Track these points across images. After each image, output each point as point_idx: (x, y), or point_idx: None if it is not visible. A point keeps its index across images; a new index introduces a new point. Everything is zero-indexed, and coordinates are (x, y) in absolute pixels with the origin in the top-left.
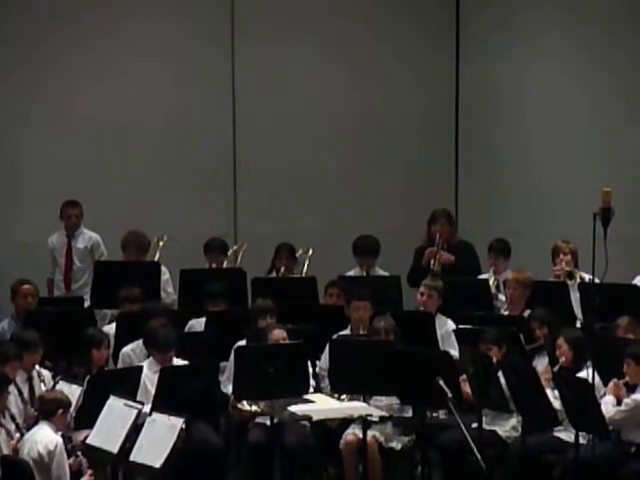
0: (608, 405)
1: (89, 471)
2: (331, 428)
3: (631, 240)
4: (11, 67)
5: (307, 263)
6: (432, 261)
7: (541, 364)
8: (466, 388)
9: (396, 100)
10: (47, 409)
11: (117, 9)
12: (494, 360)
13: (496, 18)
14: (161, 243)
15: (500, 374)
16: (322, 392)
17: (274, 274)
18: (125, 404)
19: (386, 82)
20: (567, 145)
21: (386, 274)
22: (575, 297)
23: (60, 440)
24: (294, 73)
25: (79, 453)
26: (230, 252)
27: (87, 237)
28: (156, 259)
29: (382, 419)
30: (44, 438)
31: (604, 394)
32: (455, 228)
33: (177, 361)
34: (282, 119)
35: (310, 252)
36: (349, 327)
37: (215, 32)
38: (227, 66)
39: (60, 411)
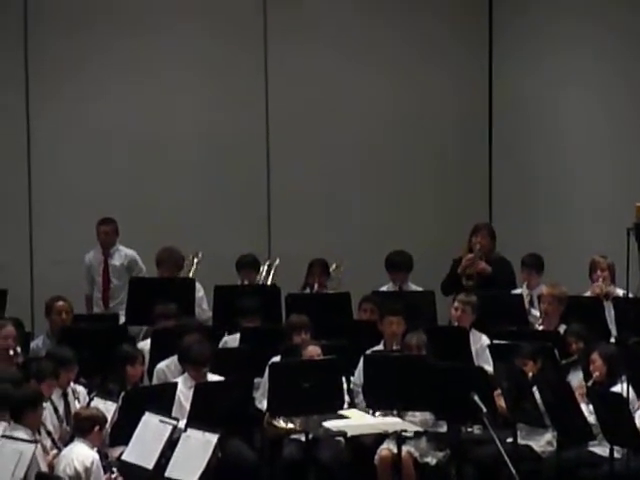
0: None
1: None
2: (366, 444)
3: None
4: (48, 82)
5: (340, 278)
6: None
7: (576, 379)
8: (501, 403)
9: (430, 114)
10: (83, 426)
11: (148, 15)
12: (529, 375)
13: (529, 26)
14: (196, 260)
15: (535, 389)
16: (356, 408)
17: (308, 290)
18: (160, 420)
19: (420, 96)
20: (601, 160)
21: (420, 289)
22: (610, 312)
23: (97, 456)
24: (328, 86)
25: (114, 469)
26: (263, 269)
27: (123, 254)
28: (191, 275)
29: (417, 434)
30: (80, 455)
31: (638, 408)
32: (495, 243)
33: (212, 377)
34: (315, 134)
35: (342, 267)
36: (382, 342)
37: (248, 40)
38: (260, 81)
39: (96, 428)
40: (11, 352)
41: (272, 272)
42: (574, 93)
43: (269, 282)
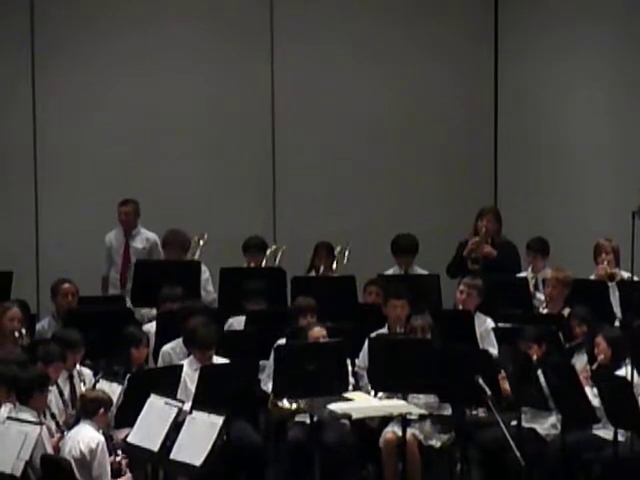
0: None
1: (129, 474)
2: (370, 426)
3: None
4: (54, 65)
5: (346, 260)
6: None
7: (580, 362)
8: (505, 386)
9: (435, 100)
10: (89, 408)
11: (155, 6)
12: (534, 358)
13: (535, 21)
14: (201, 242)
15: (539, 372)
16: (361, 390)
17: (313, 273)
18: (165, 402)
19: (426, 82)
20: (606, 144)
21: (425, 272)
22: (615, 295)
23: (102, 439)
24: (333, 72)
25: (119, 452)
26: (269, 252)
27: (144, 237)
28: (196, 258)
29: (421, 417)
30: (86, 437)
31: None
32: (501, 227)
33: (217, 359)
34: (320, 119)
35: (348, 250)
36: (386, 326)
37: (254, 32)
38: (266, 66)
39: (101, 410)
40: (16, 334)
41: (279, 255)
42: (579, 81)
43: (276, 265)
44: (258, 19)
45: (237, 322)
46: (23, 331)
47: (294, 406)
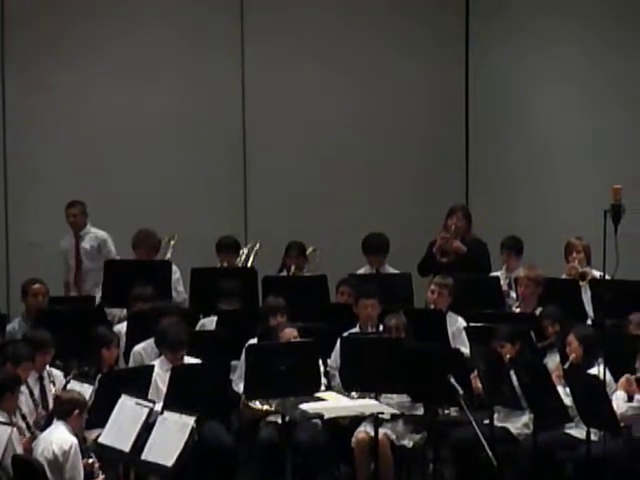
0: (619, 401)
1: (102, 475)
2: (343, 425)
3: None
4: (23, 66)
5: (317, 261)
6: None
7: (552, 361)
8: (477, 385)
9: (405, 98)
10: (63, 409)
11: (130, 11)
12: (506, 357)
13: (506, 16)
14: (172, 242)
15: (512, 371)
16: (333, 390)
17: (285, 273)
18: (136, 403)
19: (398, 83)
20: (578, 143)
21: (396, 272)
22: (586, 294)
23: (75, 441)
24: (304, 72)
25: (92, 454)
26: (246, 250)
27: (93, 236)
28: (167, 258)
29: (393, 417)
30: (59, 439)
31: (615, 390)
32: (470, 225)
33: (189, 359)
34: (292, 119)
35: (319, 251)
36: (358, 325)
37: (224, 34)
38: (237, 66)
39: (76, 411)
40: None
41: (252, 255)
42: (550, 76)
43: (249, 265)
44: (228, 21)
45: (209, 322)
46: None
47: (266, 407)
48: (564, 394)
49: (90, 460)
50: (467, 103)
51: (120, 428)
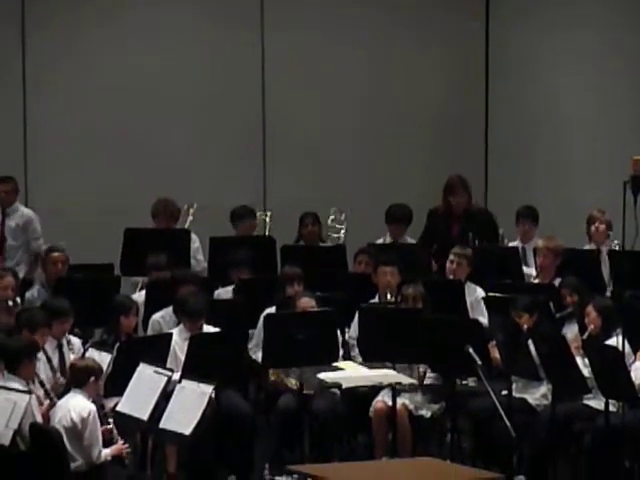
0: (638, 372)
1: (121, 441)
2: (360, 396)
3: None
4: (36, 33)
5: (342, 231)
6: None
7: (571, 332)
8: (495, 355)
9: (427, 78)
10: (79, 377)
11: None
12: (525, 328)
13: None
14: (191, 211)
15: (530, 342)
16: (352, 361)
17: (302, 243)
18: (155, 371)
19: (417, 53)
20: (598, 113)
21: (415, 242)
22: (605, 265)
23: (93, 407)
24: (323, 45)
25: (110, 421)
26: (257, 219)
27: (20, 214)
28: (186, 227)
29: (411, 387)
30: (77, 406)
31: (634, 361)
32: (470, 195)
33: (207, 328)
34: (312, 88)
35: (341, 216)
36: (377, 295)
37: (244, 10)
38: (256, 35)
39: (92, 379)
40: (10, 303)
41: (268, 224)
42: (572, 46)
43: (266, 234)
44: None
45: (225, 292)
46: (18, 300)
47: (294, 382)
48: (582, 365)
49: (109, 426)
50: (487, 78)
51: (138, 396)
